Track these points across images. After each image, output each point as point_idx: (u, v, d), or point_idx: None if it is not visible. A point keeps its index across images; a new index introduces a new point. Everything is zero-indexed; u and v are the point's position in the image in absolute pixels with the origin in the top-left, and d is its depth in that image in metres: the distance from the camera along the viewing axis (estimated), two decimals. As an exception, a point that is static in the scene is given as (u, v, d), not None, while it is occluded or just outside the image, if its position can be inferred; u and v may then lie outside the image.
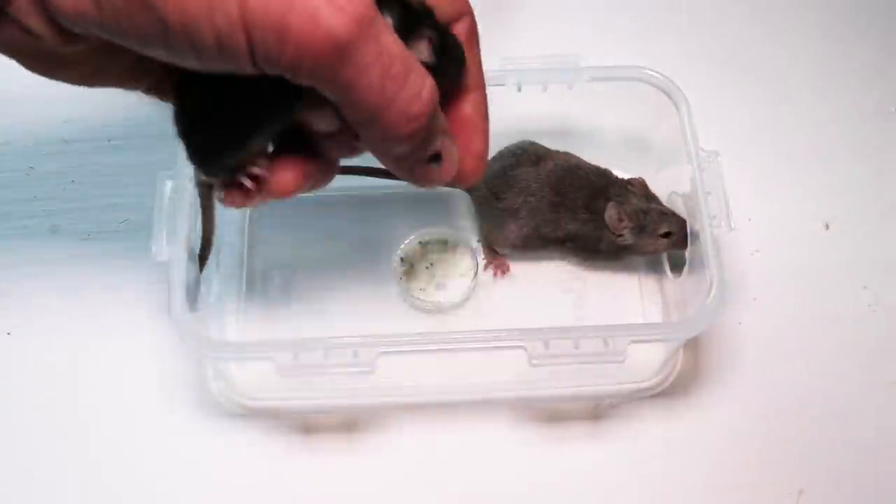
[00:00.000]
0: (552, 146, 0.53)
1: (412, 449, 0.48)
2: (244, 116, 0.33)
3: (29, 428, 0.48)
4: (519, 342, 0.43)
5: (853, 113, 0.59)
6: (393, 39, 0.30)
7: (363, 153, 0.35)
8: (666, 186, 0.52)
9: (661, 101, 0.49)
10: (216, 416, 0.49)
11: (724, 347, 0.51)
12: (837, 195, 0.56)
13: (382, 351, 0.43)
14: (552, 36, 0.61)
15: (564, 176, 0.51)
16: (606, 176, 0.52)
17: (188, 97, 0.33)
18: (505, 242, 0.53)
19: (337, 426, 0.49)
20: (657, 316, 0.52)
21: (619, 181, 0.52)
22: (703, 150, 0.47)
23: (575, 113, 0.54)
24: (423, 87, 0.31)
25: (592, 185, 0.51)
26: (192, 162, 0.35)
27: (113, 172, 0.56)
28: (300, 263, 0.53)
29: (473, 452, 0.48)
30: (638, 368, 0.49)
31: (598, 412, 0.49)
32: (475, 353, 0.47)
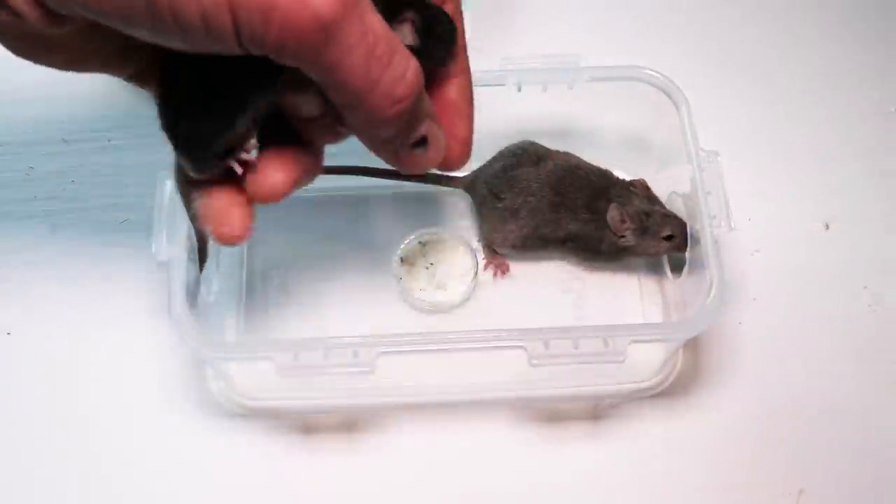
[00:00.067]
0: (552, 146, 0.53)
1: (412, 449, 0.48)
2: (229, 96, 0.32)
3: (29, 428, 0.48)
4: (519, 342, 0.43)
5: (853, 113, 0.59)
6: (378, 20, 0.30)
7: (347, 138, 0.35)
8: (666, 186, 0.52)
9: (660, 101, 0.49)
10: (216, 416, 0.49)
11: (724, 347, 0.51)
12: (837, 195, 0.56)
13: (382, 351, 0.43)
14: (552, 36, 0.61)
15: (565, 176, 0.51)
16: (607, 177, 0.52)
17: (171, 84, 0.33)
18: (505, 242, 0.53)
19: (337, 426, 0.49)
20: (657, 316, 0.52)
21: (620, 182, 0.52)
22: (703, 150, 0.47)
23: (575, 113, 0.54)
24: (407, 68, 0.31)
25: (593, 185, 0.51)
26: (180, 152, 0.34)
27: (113, 172, 0.56)
28: (300, 263, 0.53)
29: (473, 452, 0.48)
30: (638, 368, 0.49)
31: (598, 412, 0.49)
32: (475, 353, 0.47)
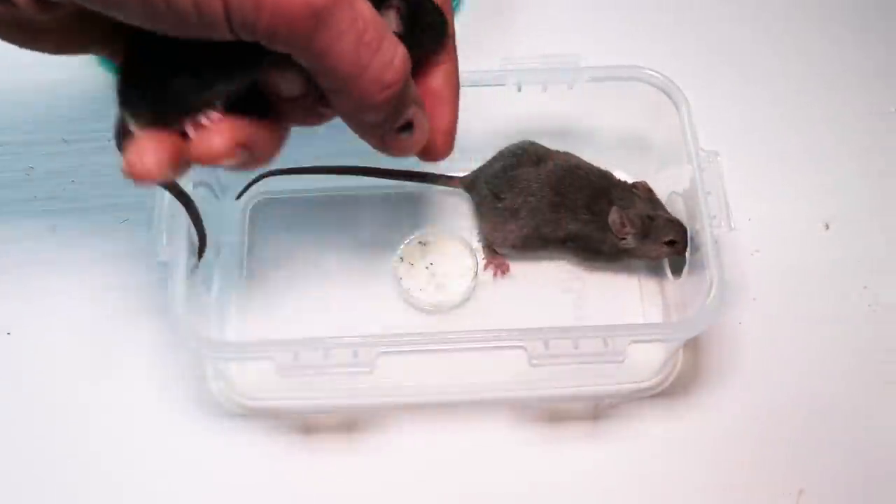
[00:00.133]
0: (552, 146, 0.53)
1: (412, 449, 0.48)
2: (212, 66, 0.32)
3: (28, 428, 0.48)
4: (519, 342, 0.43)
5: (853, 113, 0.59)
6: (367, 6, 0.30)
7: (330, 120, 0.35)
8: (666, 186, 0.52)
9: (660, 101, 0.49)
10: (216, 416, 0.49)
11: (724, 347, 0.51)
12: (837, 195, 0.56)
13: (382, 351, 0.43)
14: (552, 36, 0.61)
15: (565, 176, 0.51)
16: (608, 178, 0.52)
17: (144, 44, 0.32)
18: (505, 242, 0.53)
19: (337, 426, 0.49)
20: (657, 316, 0.52)
21: (622, 184, 0.52)
22: (702, 150, 0.47)
23: (575, 113, 0.54)
24: (395, 55, 0.31)
25: (593, 185, 0.51)
26: (144, 104, 0.33)
27: (113, 172, 0.54)
28: (300, 263, 0.53)
29: (473, 452, 0.48)
30: (638, 368, 0.49)
31: (598, 412, 0.49)
32: (475, 353, 0.47)
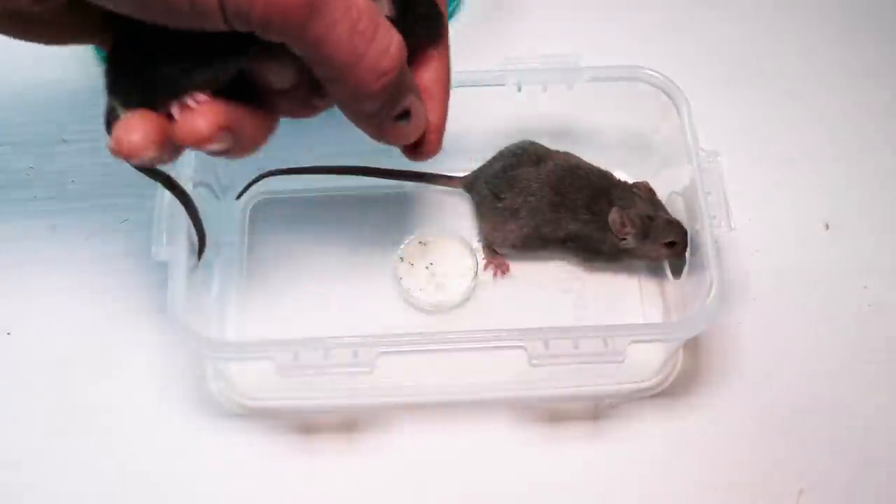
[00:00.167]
0: (552, 146, 0.53)
1: (412, 449, 0.48)
2: (203, 53, 0.31)
3: (28, 428, 0.48)
4: (519, 342, 0.43)
5: (853, 113, 0.59)
6: None
7: (322, 112, 0.35)
8: (666, 186, 0.52)
9: (661, 101, 0.49)
10: (216, 416, 0.49)
11: (724, 347, 0.51)
12: (837, 195, 0.56)
13: (382, 351, 0.43)
14: (552, 36, 0.61)
15: (565, 176, 0.51)
16: (608, 178, 0.52)
17: (134, 29, 0.31)
18: (505, 242, 0.53)
19: (337, 426, 0.49)
20: (657, 316, 0.52)
21: (623, 184, 0.52)
22: (703, 150, 0.47)
23: (575, 113, 0.54)
24: (391, 42, 0.31)
25: (594, 185, 0.51)
26: (133, 87, 0.31)
27: (113, 172, 0.55)
28: (300, 263, 0.53)
29: (473, 452, 0.48)
30: (638, 368, 0.49)
31: (598, 412, 0.49)
32: (475, 353, 0.47)
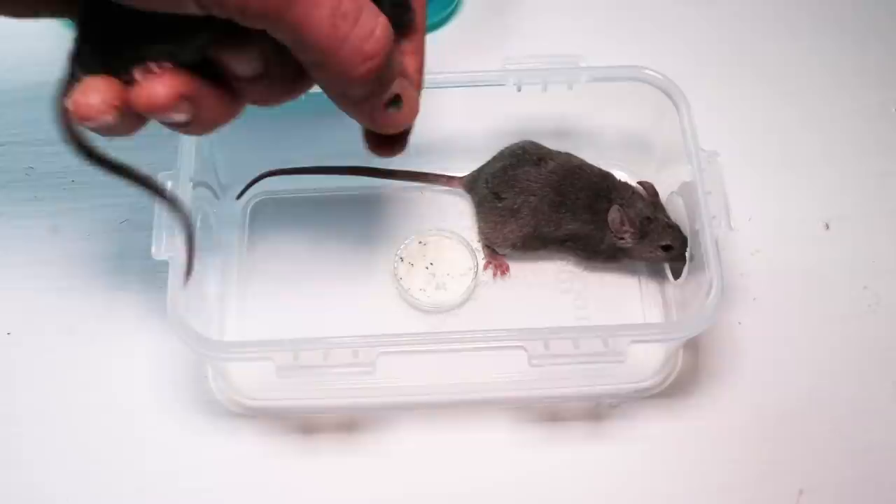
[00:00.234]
0: (552, 146, 0.53)
1: (412, 449, 0.48)
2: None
3: (29, 428, 0.48)
4: (519, 342, 0.43)
5: (853, 113, 0.59)
6: None
7: (288, 102, 0.34)
8: (666, 186, 0.52)
9: (661, 101, 0.49)
10: (216, 416, 0.49)
11: (724, 347, 0.51)
12: (837, 195, 0.56)
13: (382, 351, 0.43)
14: (552, 36, 0.61)
15: (566, 176, 0.51)
16: (608, 178, 0.52)
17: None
18: (505, 242, 0.53)
19: (337, 426, 0.49)
20: (657, 316, 0.52)
21: (624, 185, 0.52)
22: (703, 150, 0.47)
23: (575, 113, 0.54)
24: (376, 25, 0.30)
25: (594, 185, 0.51)
26: (102, 47, 0.31)
27: (113, 172, 0.56)
28: (300, 263, 0.53)
29: (474, 452, 0.48)
30: (638, 368, 0.49)
31: (598, 412, 0.49)
32: (475, 353, 0.47)
